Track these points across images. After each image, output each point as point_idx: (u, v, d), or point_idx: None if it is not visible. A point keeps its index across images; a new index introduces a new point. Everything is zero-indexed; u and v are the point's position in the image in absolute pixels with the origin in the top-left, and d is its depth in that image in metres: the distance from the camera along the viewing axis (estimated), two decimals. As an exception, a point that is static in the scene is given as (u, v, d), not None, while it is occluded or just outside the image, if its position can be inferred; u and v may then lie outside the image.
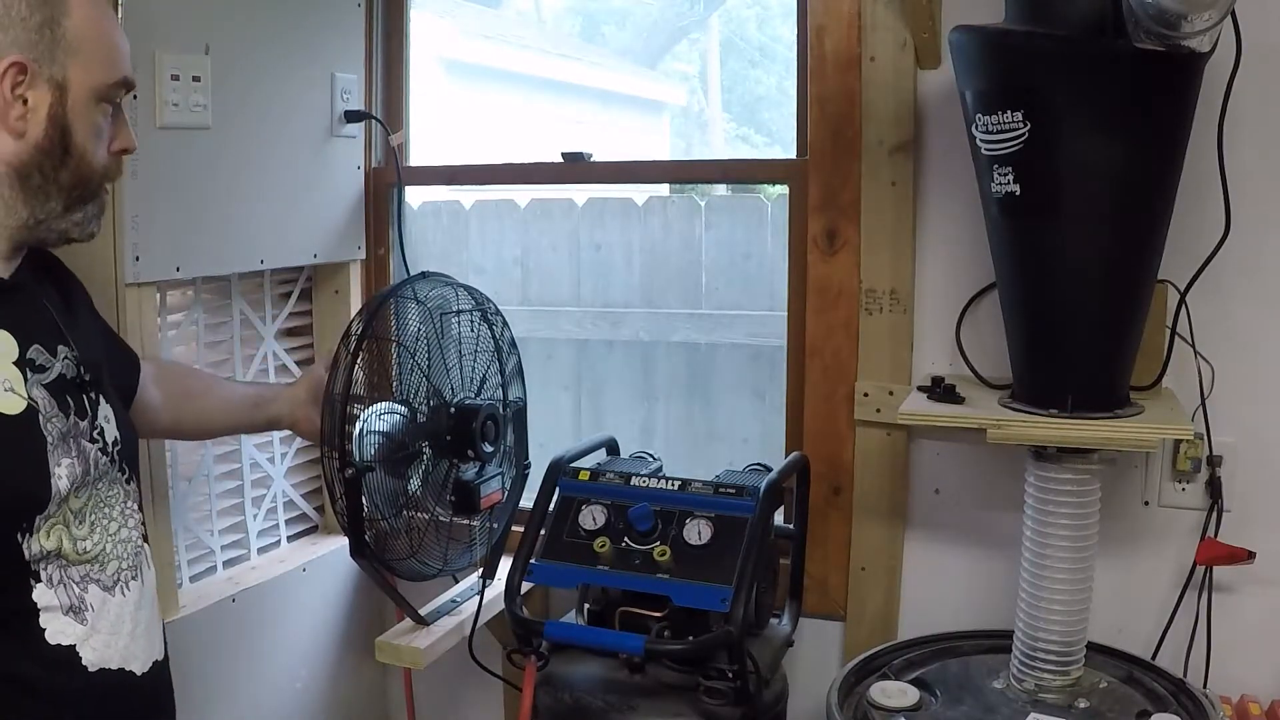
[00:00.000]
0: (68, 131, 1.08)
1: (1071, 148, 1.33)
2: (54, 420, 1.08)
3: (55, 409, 1.08)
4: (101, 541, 1.12)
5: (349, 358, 1.59)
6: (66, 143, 1.09)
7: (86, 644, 1.09)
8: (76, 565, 1.09)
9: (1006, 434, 1.41)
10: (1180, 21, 1.19)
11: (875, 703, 1.45)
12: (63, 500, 1.07)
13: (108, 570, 1.13)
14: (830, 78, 1.77)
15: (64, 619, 1.07)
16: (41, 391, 1.08)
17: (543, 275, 2.20)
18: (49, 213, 1.10)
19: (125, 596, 1.14)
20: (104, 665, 1.10)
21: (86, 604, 1.10)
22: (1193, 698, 1.43)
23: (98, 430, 1.14)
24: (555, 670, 1.56)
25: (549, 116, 3.78)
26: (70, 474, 1.08)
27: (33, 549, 1.04)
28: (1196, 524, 1.63)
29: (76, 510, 1.09)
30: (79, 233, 1.15)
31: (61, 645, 1.07)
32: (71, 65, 1.07)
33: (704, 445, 2.10)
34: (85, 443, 1.11)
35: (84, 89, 1.09)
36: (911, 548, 1.82)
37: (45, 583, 1.06)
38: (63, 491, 1.07)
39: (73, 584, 1.09)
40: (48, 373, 1.09)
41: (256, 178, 1.83)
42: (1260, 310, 1.58)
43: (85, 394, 1.14)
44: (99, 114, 1.11)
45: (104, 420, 1.16)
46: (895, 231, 1.75)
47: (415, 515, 1.68)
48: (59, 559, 1.07)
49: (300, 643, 2.00)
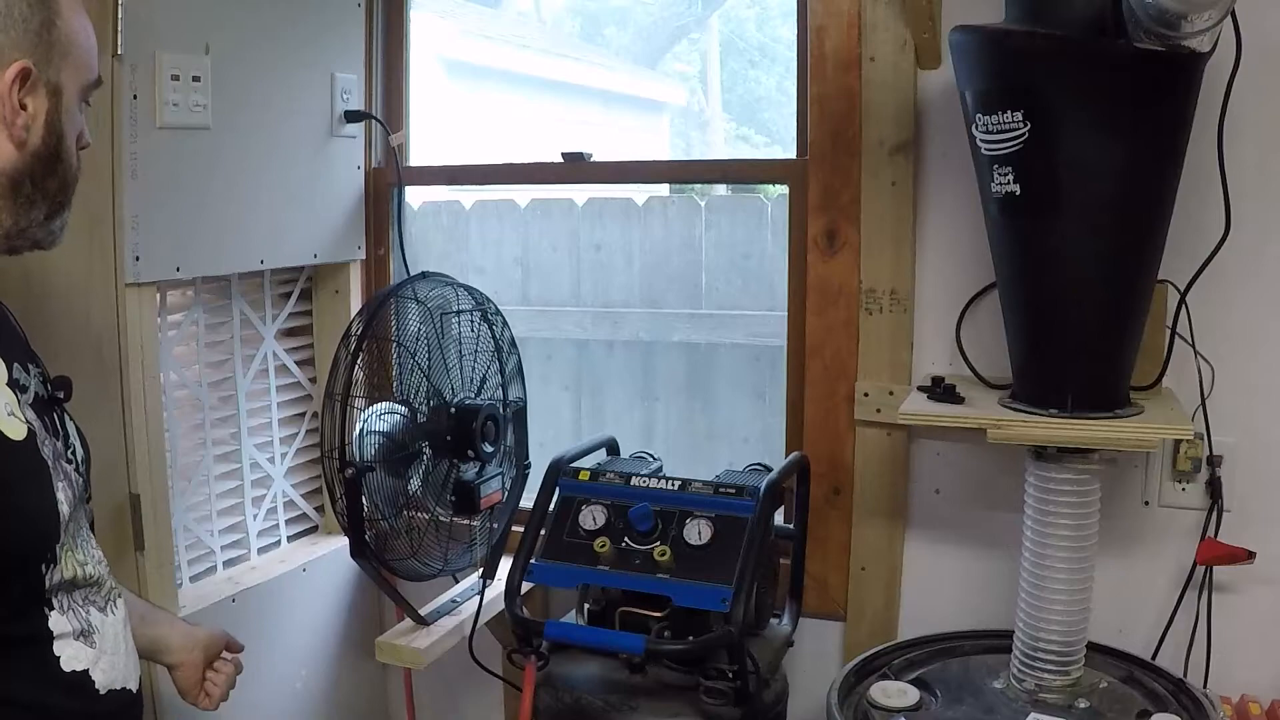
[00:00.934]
0: (61, 138, 1.04)
1: (1071, 148, 1.33)
2: (46, 444, 1.04)
3: (45, 431, 1.05)
4: (92, 563, 1.10)
5: (349, 358, 1.59)
6: (59, 149, 1.04)
7: (97, 667, 1.07)
8: (80, 589, 1.07)
9: (1006, 434, 1.41)
10: (1180, 21, 1.19)
11: (875, 703, 1.45)
12: (65, 526, 1.04)
13: (102, 591, 1.11)
14: (830, 78, 1.77)
15: (76, 644, 1.05)
16: (31, 413, 1.04)
17: (543, 275, 2.20)
18: (32, 221, 1.05)
19: (115, 615, 1.12)
20: (111, 686, 1.08)
21: (93, 627, 1.08)
22: (1193, 698, 1.43)
23: (70, 449, 1.10)
24: (555, 670, 1.56)
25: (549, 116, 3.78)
26: (67, 498, 1.04)
27: (53, 579, 1.02)
28: (1196, 524, 1.63)
29: (73, 535, 1.07)
30: (50, 241, 1.09)
31: (76, 671, 1.05)
32: (64, 68, 1.02)
33: (704, 445, 2.10)
34: (64, 464, 1.07)
35: (73, 92, 1.04)
36: (911, 548, 1.82)
37: (58, 610, 1.04)
38: (65, 517, 1.03)
39: (78, 608, 1.07)
40: (29, 393, 1.05)
41: (256, 178, 1.83)
42: (1260, 310, 1.58)
43: (54, 411, 1.10)
44: (80, 115, 1.07)
45: (74, 438, 1.12)
46: (895, 231, 1.75)
47: (415, 515, 1.68)
48: (70, 584, 1.05)
49: (300, 643, 2.00)
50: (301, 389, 2.08)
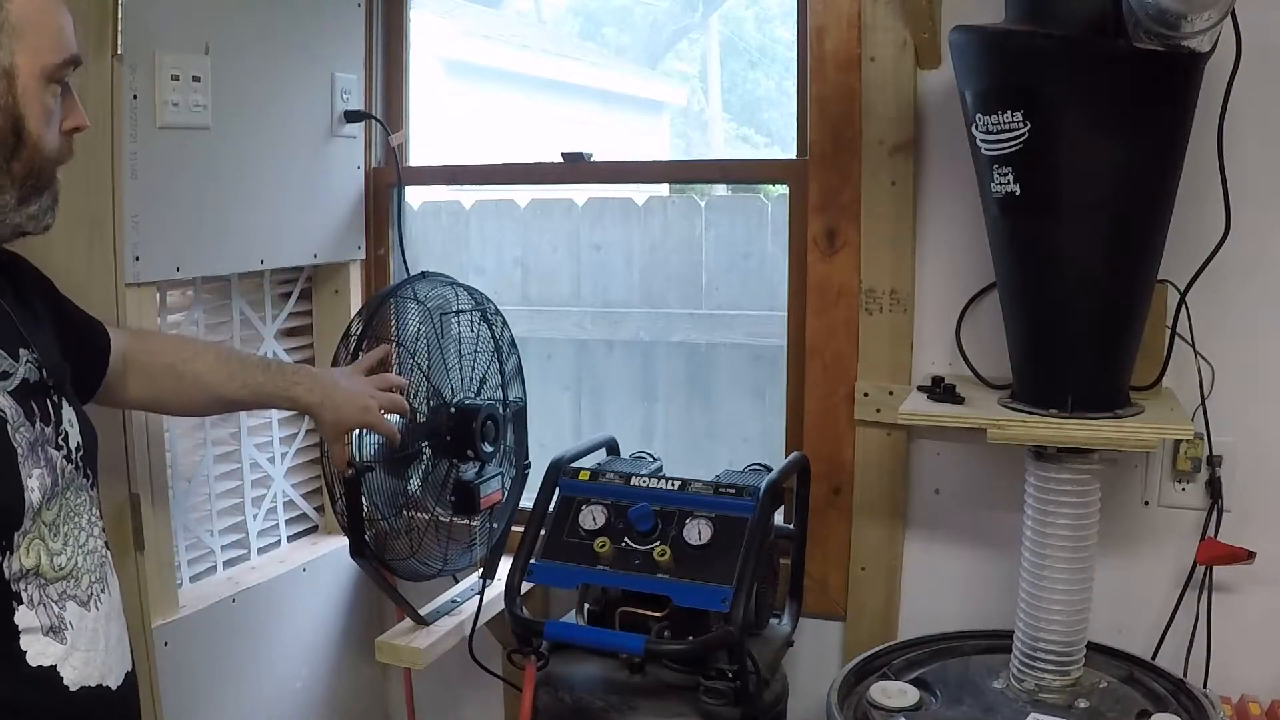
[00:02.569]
0: (20, 120, 1.03)
1: (1071, 148, 1.33)
2: (22, 429, 1.03)
3: (22, 417, 1.04)
4: (74, 555, 1.08)
5: (349, 358, 1.59)
6: (19, 131, 1.03)
7: (66, 663, 1.06)
8: (54, 583, 1.06)
9: (1006, 434, 1.41)
10: (1180, 21, 1.19)
11: (875, 703, 1.45)
12: (36, 513, 1.03)
13: (82, 585, 1.09)
14: (830, 78, 1.77)
15: (44, 639, 1.04)
16: (7, 400, 1.03)
17: (543, 275, 2.20)
18: (3, 206, 1.05)
19: (98, 610, 1.11)
20: (84, 683, 1.07)
21: (66, 622, 1.06)
22: (1193, 698, 1.43)
23: (62, 435, 1.10)
24: (555, 670, 1.56)
25: (549, 116, 3.78)
26: (41, 485, 1.04)
27: (13, 567, 1.01)
28: (1196, 524, 1.63)
29: (50, 523, 1.06)
30: (34, 226, 1.09)
31: (43, 666, 1.04)
32: (18, 50, 1.02)
33: (704, 445, 2.10)
34: (51, 450, 1.07)
35: (32, 72, 1.03)
36: (911, 548, 1.82)
37: (26, 604, 1.03)
38: (35, 504, 1.03)
39: (52, 603, 1.05)
40: (10, 379, 1.05)
41: (256, 178, 1.83)
42: (1260, 310, 1.58)
43: (49, 398, 1.10)
44: (49, 96, 1.06)
45: (68, 424, 1.11)
46: (895, 231, 1.75)
47: (415, 515, 1.68)
48: (38, 577, 1.04)
49: (300, 643, 2.00)
50: (301, 389, 2.07)
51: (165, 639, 1.67)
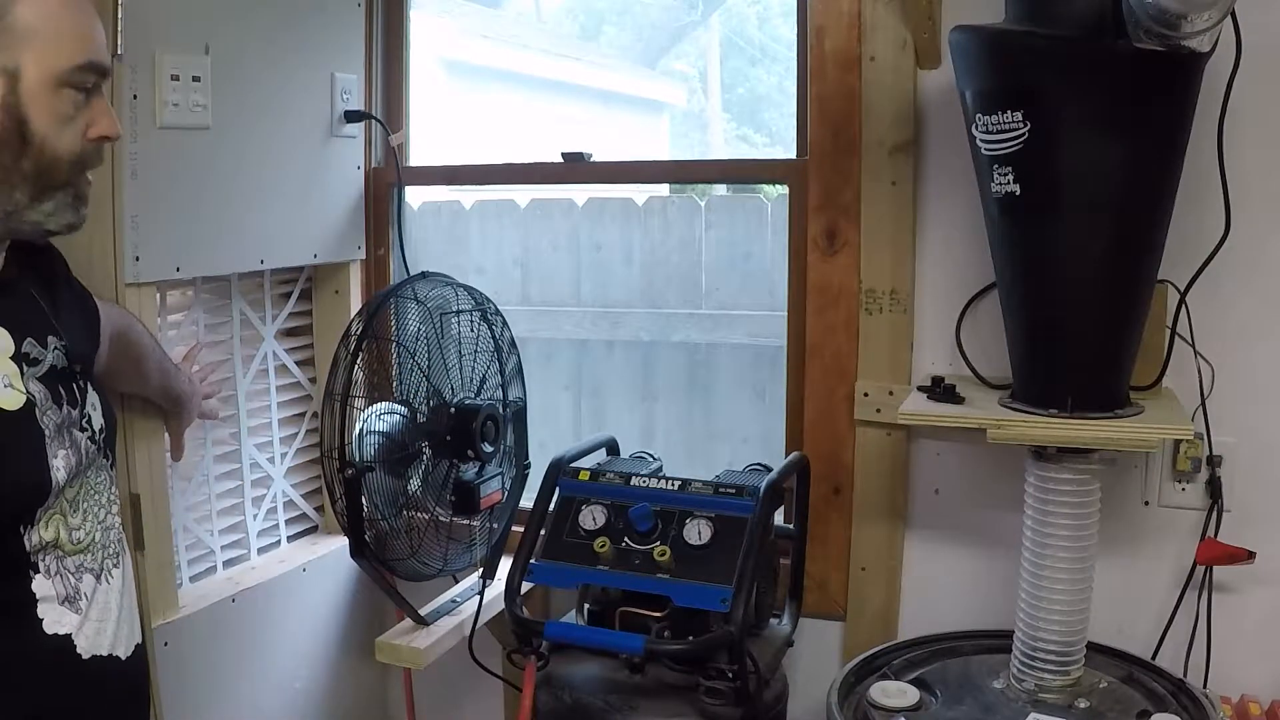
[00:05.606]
0: (24, 120, 1.05)
1: (1071, 148, 1.33)
2: (49, 412, 1.09)
3: (50, 401, 1.10)
4: (92, 530, 1.14)
5: (349, 358, 1.59)
6: (24, 131, 1.05)
7: (80, 632, 1.11)
8: (72, 555, 1.11)
9: (1007, 434, 1.41)
10: (1180, 21, 1.19)
11: (875, 703, 1.45)
12: (59, 491, 1.09)
13: (97, 558, 1.15)
14: (830, 78, 1.77)
15: (60, 608, 1.09)
16: (37, 385, 1.09)
17: (543, 275, 2.20)
18: (16, 204, 1.08)
19: (110, 584, 1.16)
20: (95, 652, 1.12)
21: (81, 593, 1.11)
22: (1193, 698, 1.43)
23: (86, 419, 1.15)
24: (555, 670, 1.56)
25: (549, 116, 3.77)
26: (66, 465, 1.09)
27: (32, 540, 1.06)
28: (1196, 524, 1.63)
29: (71, 500, 1.11)
30: (54, 224, 1.12)
31: (58, 634, 1.09)
32: (24, 53, 1.04)
33: (704, 445, 2.10)
34: (76, 432, 1.13)
35: (40, 76, 1.05)
36: (911, 548, 1.82)
37: (44, 573, 1.08)
38: (60, 483, 1.08)
39: (69, 574, 1.11)
40: (40, 365, 1.11)
41: (256, 178, 1.83)
42: (1260, 310, 1.58)
43: (75, 382, 1.15)
44: (61, 100, 1.07)
45: (91, 408, 1.17)
46: (895, 231, 1.75)
47: (415, 515, 1.68)
48: (56, 549, 1.09)
49: (300, 643, 2.00)
50: (301, 389, 2.08)
51: (165, 639, 1.67)
